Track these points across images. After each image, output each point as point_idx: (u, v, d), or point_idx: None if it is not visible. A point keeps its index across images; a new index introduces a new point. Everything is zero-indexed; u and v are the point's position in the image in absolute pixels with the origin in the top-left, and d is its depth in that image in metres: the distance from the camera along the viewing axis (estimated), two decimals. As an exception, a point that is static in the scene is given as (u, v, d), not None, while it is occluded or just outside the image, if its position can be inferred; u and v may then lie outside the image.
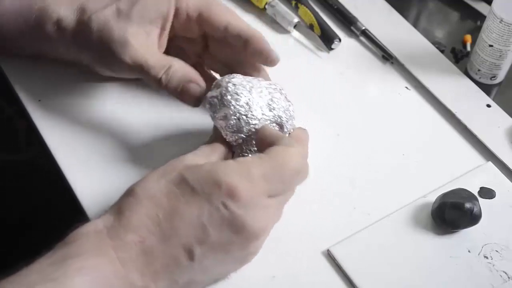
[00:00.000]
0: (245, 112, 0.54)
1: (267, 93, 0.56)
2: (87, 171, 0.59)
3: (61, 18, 0.59)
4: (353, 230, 0.57)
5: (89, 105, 0.64)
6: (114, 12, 0.58)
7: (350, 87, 0.69)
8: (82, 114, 0.63)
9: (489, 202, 0.59)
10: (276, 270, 0.54)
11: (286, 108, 0.57)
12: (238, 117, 0.54)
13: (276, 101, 0.56)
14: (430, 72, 0.70)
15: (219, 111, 0.54)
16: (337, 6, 0.75)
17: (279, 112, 0.56)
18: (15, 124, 0.79)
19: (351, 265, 0.54)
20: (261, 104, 0.55)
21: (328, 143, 0.63)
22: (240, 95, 0.54)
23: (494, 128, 0.65)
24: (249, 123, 0.54)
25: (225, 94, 0.54)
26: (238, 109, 0.54)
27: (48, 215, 0.75)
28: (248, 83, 0.55)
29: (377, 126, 0.66)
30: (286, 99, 0.58)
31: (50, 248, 0.46)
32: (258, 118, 0.55)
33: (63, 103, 0.63)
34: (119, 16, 0.57)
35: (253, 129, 0.54)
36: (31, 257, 0.45)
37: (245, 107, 0.54)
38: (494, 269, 0.55)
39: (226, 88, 0.54)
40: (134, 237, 0.46)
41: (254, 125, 0.54)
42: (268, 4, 0.74)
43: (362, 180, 0.61)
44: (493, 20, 0.65)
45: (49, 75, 0.65)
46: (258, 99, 0.55)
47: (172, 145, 0.61)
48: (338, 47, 0.72)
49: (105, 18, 0.57)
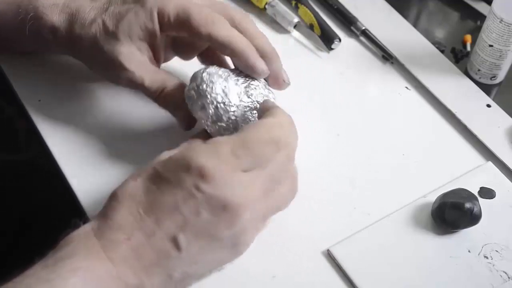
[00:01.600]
0: (222, 99, 0.54)
1: (244, 80, 0.56)
2: (87, 171, 0.59)
3: (55, 27, 0.59)
4: (353, 230, 0.57)
5: (89, 105, 0.64)
6: (101, 29, 0.57)
7: (350, 87, 0.69)
8: (82, 114, 0.63)
9: (489, 202, 0.59)
10: (276, 270, 0.54)
11: (265, 95, 0.57)
12: (215, 106, 0.54)
13: (254, 87, 0.56)
14: (430, 72, 0.70)
15: (197, 102, 0.54)
16: (337, 6, 0.75)
17: (257, 98, 0.56)
18: (15, 124, 0.79)
19: (351, 265, 0.54)
20: (237, 91, 0.55)
21: (328, 143, 0.63)
22: (216, 83, 0.54)
23: (494, 128, 0.65)
24: (228, 111, 0.54)
25: (201, 83, 0.54)
26: (214, 97, 0.54)
27: (48, 215, 0.75)
28: (224, 73, 0.56)
29: (377, 126, 0.66)
30: (265, 87, 0.58)
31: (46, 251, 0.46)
32: (236, 105, 0.55)
33: (63, 103, 0.63)
34: (106, 34, 0.57)
35: (233, 117, 0.54)
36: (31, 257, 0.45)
37: (221, 95, 0.54)
38: (494, 269, 0.55)
39: (202, 78, 0.55)
40: (120, 236, 0.46)
41: (233, 112, 0.54)
42: (268, 4, 0.74)
43: (362, 180, 0.61)
44: (493, 20, 0.65)
45: (49, 75, 0.65)
46: (234, 87, 0.55)
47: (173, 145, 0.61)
48: (338, 47, 0.72)
49: (93, 36, 0.57)
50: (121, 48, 0.57)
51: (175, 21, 0.57)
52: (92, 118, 0.63)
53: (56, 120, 0.62)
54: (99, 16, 0.58)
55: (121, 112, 0.63)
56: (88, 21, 0.58)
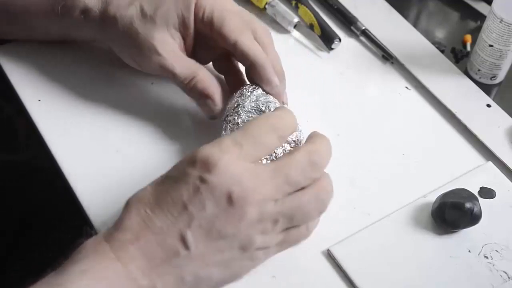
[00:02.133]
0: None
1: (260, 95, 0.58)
2: (87, 171, 0.59)
3: (88, 8, 0.60)
4: (353, 230, 0.57)
5: (89, 105, 0.63)
6: (138, 13, 0.58)
7: (350, 87, 0.69)
8: (82, 114, 0.63)
9: (489, 202, 0.59)
10: (276, 270, 0.54)
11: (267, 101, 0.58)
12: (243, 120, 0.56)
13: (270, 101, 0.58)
14: (430, 72, 0.70)
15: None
16: (337, 6, 0.75)
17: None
18: (15, 124, 0.79)
19: (351, 265, 0.54)
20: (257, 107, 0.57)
21: (328, 143, 0.63)
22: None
23: (494, 128, 0.65)
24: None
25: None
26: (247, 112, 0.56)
27: (48, 215, 0.75)
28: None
29: (377, 126, 0.66)
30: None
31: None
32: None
33: (63, 103, 0.63)
34: (143, 17, 0.58)
35: None
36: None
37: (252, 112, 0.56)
38: (494, 269, 0.55)
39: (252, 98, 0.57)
40: (128, 236, 0.46)
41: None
42: (268, 4, 0.74)
43: (362, 180, 0.61)
44: (493, 20, 0.65)
45: (49, 75, 0.65)
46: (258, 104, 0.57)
47: (174, 144, 0.61)
48: (338, 47, 0.72)
49: (130, 18, 0.58)
50: (156, 34, 0.58)
51: (207, 19, 0.58)
52: (92, 118, 0.63)
53: (56, 120, 0.62)
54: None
55: (121, 112, 0.63)
56: (124, 3, 0.59)
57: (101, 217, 0.56)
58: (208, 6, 0.58)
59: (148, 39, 0.58)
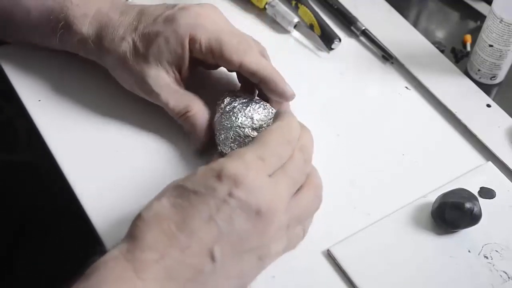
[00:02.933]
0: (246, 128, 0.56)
1: (259, 105, 0.58)
2: (87, 171, 0.59)
3: (84, 38, 0.60)
4: (353, 230, 0.57)
5: (89, 105, 0.63)
6: (131, 49, 0.59)
7: (350, 87, 0.69)
8: (82, 114, 0.63)
9: (489, 202, 0.59)
10: (276, 270, 0.54)
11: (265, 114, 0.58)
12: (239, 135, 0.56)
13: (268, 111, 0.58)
14: (430, 72, 0.70)
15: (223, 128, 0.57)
16: (337, 6, 0.75)
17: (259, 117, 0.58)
18: (15, 124, 0.79)
19: (351, 265, 0.54)
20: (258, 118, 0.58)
21: (328, 143, 0.63)
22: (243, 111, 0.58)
23: (494, 128, 0.65)
24: (249, 136, 0.56)
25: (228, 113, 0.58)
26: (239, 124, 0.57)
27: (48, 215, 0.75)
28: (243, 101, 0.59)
29: (377, 126, 0.66)
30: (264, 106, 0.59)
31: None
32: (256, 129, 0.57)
33: (63, 103, 0.63)
34: (136, 55, 0.59)
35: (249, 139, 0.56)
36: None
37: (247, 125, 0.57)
38: (494, 269, 0.55)
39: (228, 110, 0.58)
40: (152, 255, 0.45)
41: (253, 136, 0.56)
42: (268, 4, 0.74)
43: (362, 180, 0.61)
44: (493, 20, 0.65)
45: (49, 75, 0.65)
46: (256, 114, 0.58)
47: (174, 144, 0.61)
48: (338, 47, 0.72)
49: (123, 54, 0.59)
50: (149, 71, 0.59)
51: (206, 48, 0.58)
52: (92, 117, 0.63)
53: (56, 120, 0.62)
54: (128, 35, 0.59)
55: (121, 112, 0.63)
56: (117, 38, 0.59)
57: (101, 217, 0.56)
58: (203, 37, 0.58)
59: (142, 76, 0.59)
